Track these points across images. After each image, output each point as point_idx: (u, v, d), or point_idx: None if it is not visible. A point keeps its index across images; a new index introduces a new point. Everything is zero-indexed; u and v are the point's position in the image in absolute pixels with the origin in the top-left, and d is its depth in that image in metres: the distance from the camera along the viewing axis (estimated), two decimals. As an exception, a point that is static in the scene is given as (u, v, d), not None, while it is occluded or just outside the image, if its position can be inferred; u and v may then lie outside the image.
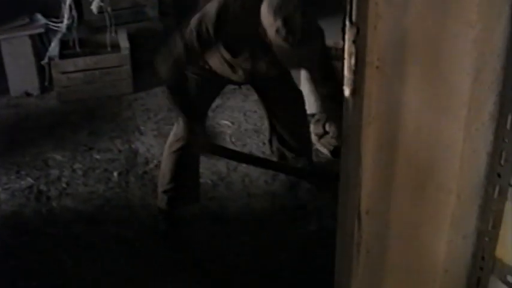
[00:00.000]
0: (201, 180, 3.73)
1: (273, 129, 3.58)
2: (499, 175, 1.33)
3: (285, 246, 3.25)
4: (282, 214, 3.49)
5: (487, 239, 1.40)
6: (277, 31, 2.54)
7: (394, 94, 1.43)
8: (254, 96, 4.67)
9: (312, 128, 4.09)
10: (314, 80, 3.32)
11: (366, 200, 1.56)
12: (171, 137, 3.24)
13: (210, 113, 4.49)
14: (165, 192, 3.30)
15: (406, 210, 1.51)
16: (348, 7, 1.41)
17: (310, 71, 3.29)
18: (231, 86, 4.57)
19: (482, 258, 1.42)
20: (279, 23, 2.53)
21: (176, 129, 3.20)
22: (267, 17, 2.57)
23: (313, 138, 4.05)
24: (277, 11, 2.54)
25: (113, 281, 3.09)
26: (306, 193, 3.65)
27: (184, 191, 3.31)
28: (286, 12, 2.53)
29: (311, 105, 4.26)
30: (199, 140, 2.98)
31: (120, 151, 4.11)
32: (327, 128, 4.05)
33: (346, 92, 1.48)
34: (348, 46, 1.44)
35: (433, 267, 1.52)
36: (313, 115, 4.20)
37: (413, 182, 1.47)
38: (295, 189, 3.69)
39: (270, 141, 3.66)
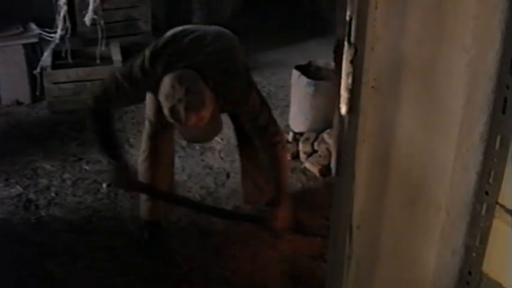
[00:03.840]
0: (190, 195, 3.77)
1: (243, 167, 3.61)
2: (487, 193, 1.38)
3: (271, 261, 3.29)
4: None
5: (474, 254, 1.45)
6: (167, 117, 2.69)
7: (388, 113, 1.49)
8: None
9: (300, 146, 4.15)
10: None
11: (357, 215, 1.61)
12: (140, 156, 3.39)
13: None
14: (144, 202, 3.37)
15: (397, 226, 1.56)
16: (347, 28, 1.47)
17: None
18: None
19: (469, 273, 1.47)
20: (166, 111, 2.67)
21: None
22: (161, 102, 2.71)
23: (302, 156, 4.10)
24: (163, 100, 2.67)
25: (100, 291, 3.11)
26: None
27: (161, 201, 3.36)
28: (172, 103, 2.62)
29: (300, 124, 4.33)
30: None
31: (109, 163, 4.12)
32: (316, 146, 4.11)
33: (343, 110, 1.54)
34: (345, 66, 1.50)
35: (421, 281, 1.57)
36: (301, 134, 4.26)
37: (405, 198, 1.53)
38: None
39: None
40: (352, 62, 1.48)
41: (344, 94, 1.52)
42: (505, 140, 1.32)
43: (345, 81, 1.51)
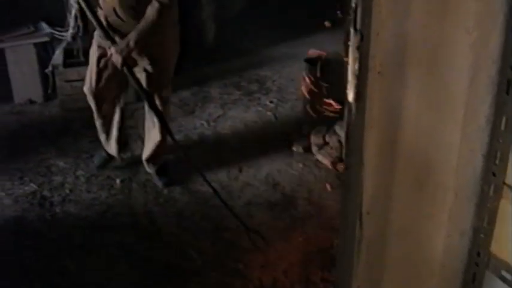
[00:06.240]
0: (203, 189, 3.79)
1: None
2: (494, 174, 1.39)
3: (284, 255, 3.31)
4: (281, 223, 3.55)
5: (482, 235, 1.46)
6: None
7: (394, 98, 1.51)
8: (256, 107, 4.75)
9: (312, 138, 4.16)
10: None
11: (367, 200, 1.63)
12: None
13: (211, 123, 4.59)
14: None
15: (406, 209, 1.57)
16: (353, 15, 1.48)
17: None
18: (233, 97, 4.68)
19: (478, 254, 1.48)
20: None
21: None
22: None
23: (314, 149, 4.12)
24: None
25: (115, 286, 3.14)
26: (304, 204, 3.71)
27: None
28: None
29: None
30: None
31: (122, 159, 4.16)
32: (327, 138, 4.12)
33: (350, 96, 1.55)
34: (352, 52, 1.51)
35: (431, 263, 1.58)
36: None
37: (413, 182, 1.54)
38: (294, 200, 3.75)
39: None
40: (358, 48, 1.50)
41: (351, 80, 1.54)
42: (510, 121, 1.33)
43: (352, 68, 1.53)
